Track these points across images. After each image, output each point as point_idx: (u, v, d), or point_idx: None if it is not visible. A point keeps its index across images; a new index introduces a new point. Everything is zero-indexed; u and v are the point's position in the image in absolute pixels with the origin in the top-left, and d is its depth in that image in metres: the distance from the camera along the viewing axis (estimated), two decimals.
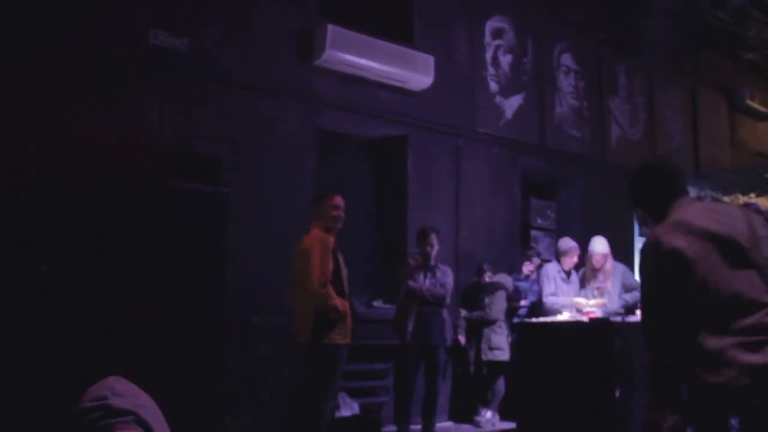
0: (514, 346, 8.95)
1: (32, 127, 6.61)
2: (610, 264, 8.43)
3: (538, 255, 10.15)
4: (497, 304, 8.99)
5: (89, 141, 6.91)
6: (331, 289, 6.38)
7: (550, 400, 7.48)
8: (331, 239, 6.54)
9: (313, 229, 6.66)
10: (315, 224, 6.69)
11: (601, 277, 8.39)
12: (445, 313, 8.05)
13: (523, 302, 9.31)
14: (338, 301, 6.41)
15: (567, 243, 8.69)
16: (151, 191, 7.14)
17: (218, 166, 7.89)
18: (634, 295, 8.26)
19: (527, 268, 9.76)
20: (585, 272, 8.44)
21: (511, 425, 8.97)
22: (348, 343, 6.59)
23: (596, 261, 8.35)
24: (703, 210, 3.46)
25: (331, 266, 6.43)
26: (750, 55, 15.13)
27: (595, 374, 7.12)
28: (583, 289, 8.38)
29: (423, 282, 7.84)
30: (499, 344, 8.98)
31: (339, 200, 6.81)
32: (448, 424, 9.25)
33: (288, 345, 8.06)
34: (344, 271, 6.70)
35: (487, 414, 9.13)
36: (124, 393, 2.03)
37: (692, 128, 14.12)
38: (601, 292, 8.37)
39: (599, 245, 8.43)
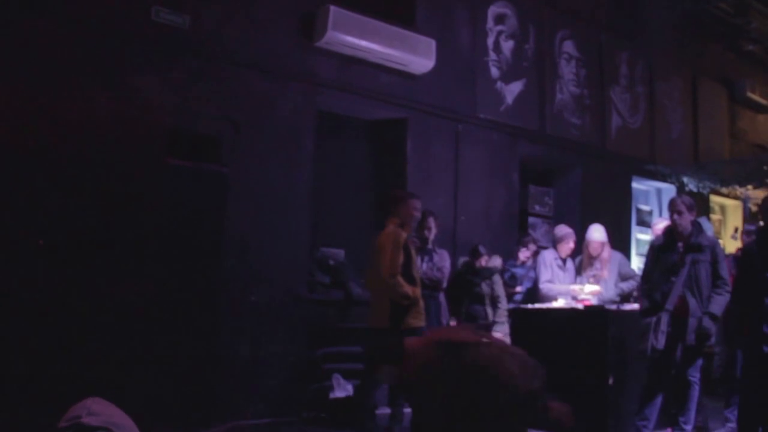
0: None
1: (32, 100, 6.60)
2: (607, 252, 8.45)
3: (535, 242, 10.16)
4: (501, 286, 9.00)
5: (89, 116, 6.90)
6: (400, 279, 6.65)
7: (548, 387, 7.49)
8: (404, 235, 6.82)
9: (388, 225, 6.88)
10: (391, 220, 6.91)
11: (597, 264, 8.40)
12: (441, 296, 8.06)
13: (518, 288, 9.32)
14: (408, 289, 6.69)
15: (562, 229, 8.70)
16: (150, 168, 7.14)
17: (218, 145, 7.89)
18: (630, 284, 8.28)
19: (523, 254, 9.75)
20: (582, 259, 8.46)
21: None
22: (422, 326, 6.78)
23: (593, 249, 8.37)
24: None
25: (401, 259, 6.71)
26: (751, 46, 15.16)
27: (589, 362, 7.14)
28: (580, 276, 8.39)
29: (420, 265, 7.85)
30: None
31: (419, 203, 7.14)
32: None
33: (282, 323, 8.11)
34: (415, 261, 7.02)
35: None
36: (98, 412, 2.12)
37: (692, 119, 14.12)
38: (597, 280, 8.39)
39: (597, 233, 8.44)
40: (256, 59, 8.17)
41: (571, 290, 8.17)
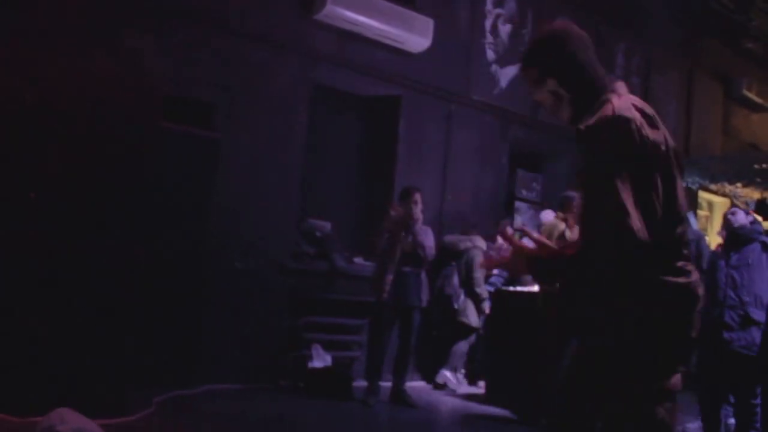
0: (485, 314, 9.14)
1: (26, 61, 6.63)
2: None
3: (512, 225, 10.27)
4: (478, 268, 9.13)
5: (84, 77, 6.91)
6: None
7: (519, 368, 7.60)
8: None
9: None
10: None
11: None
12: (423, 274, 8.14)
13: (495, 271, 9.38)
14: None
15: (549, 215, 8.77)
16: (144, 131, 7.19)
17: (212, 111, 7.95)
18: None
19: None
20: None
21: (480, 390, 9.16)
22: None
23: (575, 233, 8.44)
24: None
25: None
26: (750, 44, 15.13)
27: (567, 346, 7.21)
28: None
29: (405, 239, 7.93)
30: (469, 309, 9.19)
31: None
32: (421, 383, 9.40)
33: (265, 291, 8.20)
34: None
35: (446, 373, 9.24)
36: (71, 421, 2.22)
37: (686, 113, 14.17)
38: None
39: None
40: (254, 29, 8.21)
41: None
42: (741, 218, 6.86)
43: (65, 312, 6.20)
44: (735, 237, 6.79)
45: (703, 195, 14.20)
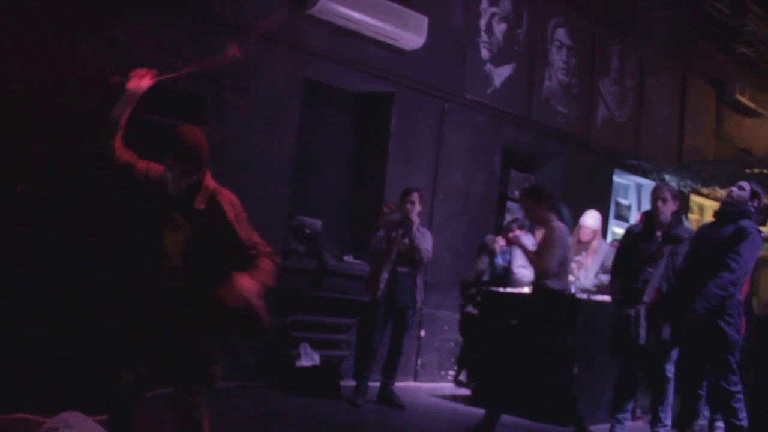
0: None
1: (15, 49, 6.55)
2: (597, 241, 8.45)
3: (521, 227, 10.17)
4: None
5: (74, 68, 6.85)
6: None
7: (508, 371, 7.53)
8: None
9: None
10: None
11: (583, 252, 8.40)
12: (419, 276, 8.05)
13: (499, 251, 9.20)
14: None
15: None
16: (132, 122, 7.09)
17: (202, 104, 7.86)
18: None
19: (500, 243, 9.72)
20: (571, 243, 8.40)
21: (467, 392, 9.09)
22: None
23: (584, 234, 8.37)
24: None
25: None
26: (744, 49, 15.12)
27: (555, 350, 7.13)
28: None
29: (401, 239, 7.85)
30: None
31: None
32: (410, 383, 9.34)
33: None
34: None
35: None
36: (76, 425, 2.17)
37: (679, 117, 14.15)
38: (579, 267, 8.40)
39: (591, 219, 8.44)
40: (246, 22, 8.11)
41: None
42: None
43: (50, 306, 6.13)
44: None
45: (694, 198, 14.18)
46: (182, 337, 3.98)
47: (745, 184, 6.68)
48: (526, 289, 7.95)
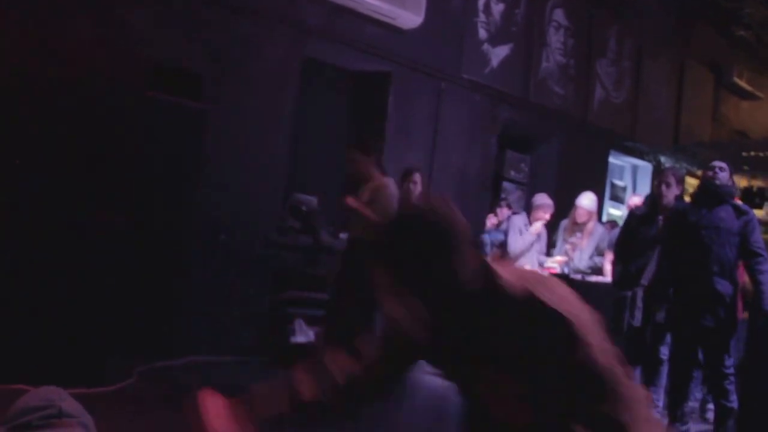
0: None
1: (13, 27, 6.57)
2: (592, 223, 8.46)
3: (509, 206, 10.22)
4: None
5: (72, 45, 6.88)
6: None
7: None
8: None
9: None
10: None
11: (578, 234, 8.43)
12: None
13: (488, 227, 9.29)
14: None
15: (542, 198, 8.63)
16: (131, 100, 7.14)
17: (200, 82, 7.88)
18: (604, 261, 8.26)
19: (491, 221, 9.77)
20: (567, 224, 8.44)
21: None
22: None
23: (579, 215, 8.36)
24: None
25: None
26: (742, 32, 15.11)
27: None
28: (560, 240, 8.43)
29: None
30: None
31: None
32: None
33: (249, 264, 8.17)
34: None
35: None
36: (73, 404, 2.15)
37: (676, 99, 14.17)
38: (574, 248, 8.43)
39: (586, 200, 8.43)
40: (245, 1, 8.14)
41: (538, 258, 8.24)
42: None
43: (44, 281, 6.17)
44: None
45: (690, 181, 14.20)
46: None
47: (724, 165, 6.59)
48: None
